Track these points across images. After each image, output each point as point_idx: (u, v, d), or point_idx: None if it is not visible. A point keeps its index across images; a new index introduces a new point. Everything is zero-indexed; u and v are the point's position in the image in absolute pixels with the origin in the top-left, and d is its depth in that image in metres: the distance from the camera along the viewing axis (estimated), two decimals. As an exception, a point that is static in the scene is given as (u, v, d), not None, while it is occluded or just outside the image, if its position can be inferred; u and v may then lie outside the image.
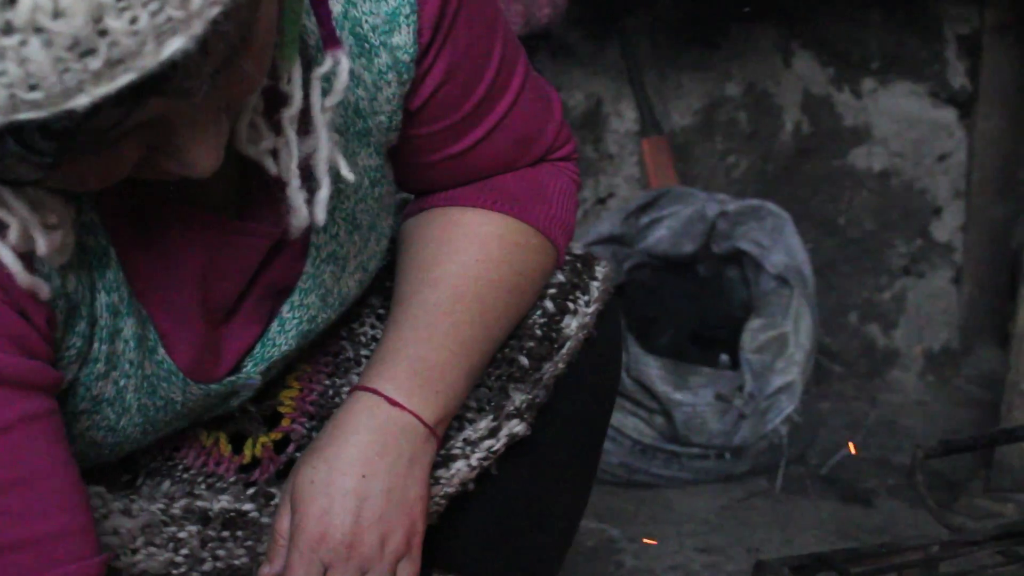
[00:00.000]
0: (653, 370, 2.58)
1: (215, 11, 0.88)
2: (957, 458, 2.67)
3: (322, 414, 1.40)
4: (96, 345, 1.17)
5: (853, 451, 2.45)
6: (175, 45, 0.87)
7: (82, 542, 1.11)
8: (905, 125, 3.14)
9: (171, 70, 0.89)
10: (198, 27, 0.88)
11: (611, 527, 2.50)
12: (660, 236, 2.78)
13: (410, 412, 1.30)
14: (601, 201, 3.11)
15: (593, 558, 2.42)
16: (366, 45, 1.24)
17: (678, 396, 2.58)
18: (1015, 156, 3.08)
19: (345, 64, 1.11)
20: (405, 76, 1.27)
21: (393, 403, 1.29)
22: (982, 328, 3.15)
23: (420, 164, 1.38)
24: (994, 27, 3.03)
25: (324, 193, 1.13)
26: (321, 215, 1.13)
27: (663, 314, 2.73)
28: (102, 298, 1.16)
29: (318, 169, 1.12)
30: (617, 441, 2.61)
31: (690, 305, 2.75)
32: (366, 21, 1.24)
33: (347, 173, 1.14)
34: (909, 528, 2.50)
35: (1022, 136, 3.06)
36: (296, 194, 1.12)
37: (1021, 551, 1.68)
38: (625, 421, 2.61)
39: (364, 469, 1.27)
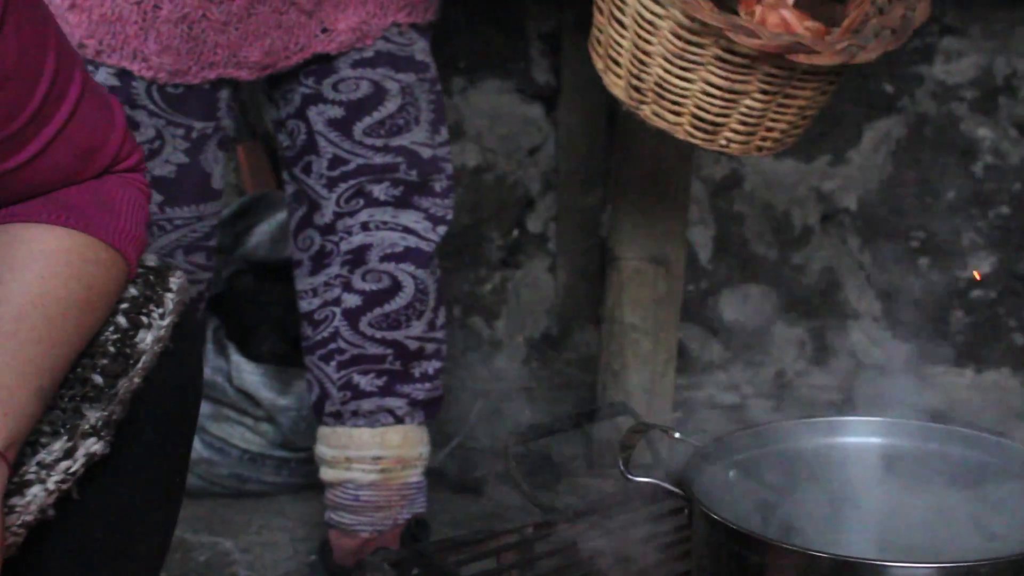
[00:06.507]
0: (256, 377, 2.56)
1: None
2: (561, 440, 2.77)
3: None
4: None
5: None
6: None
7: None
8: (496, 121, 3.21)
9: None
10: None
11: (224, 539, 2.47)
12: (258, 242, 2.76)
13: None
14: (198, 210, 3.06)
15: (207, 572, 2.38)
16: (-100, 60, 1.19)
17: (283, 401, 2.56)
18: (597, 148, 3.20)
19: None
20: (-49, 90, 1.22)
21: None
22: (578, 313, 3.27)
23: (-25, 181, 1.32)
24: (573, 25, 3.14)
25: None
26: None
27: (264, 320, 2.70)
28: None
29: None
30: (224, 452, 2.58)
31: (291, 310, 2.72)
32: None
33: None
34: (519, 513, 2.55)
35: (602, 128, 3.18)
36: None
37: (607, 524, 1.76)
38: (231, 431, 2.57)
39: None
